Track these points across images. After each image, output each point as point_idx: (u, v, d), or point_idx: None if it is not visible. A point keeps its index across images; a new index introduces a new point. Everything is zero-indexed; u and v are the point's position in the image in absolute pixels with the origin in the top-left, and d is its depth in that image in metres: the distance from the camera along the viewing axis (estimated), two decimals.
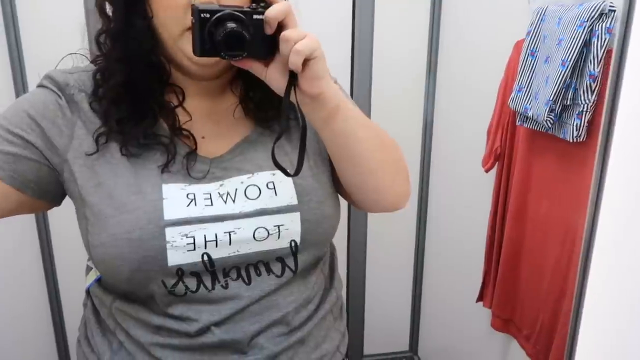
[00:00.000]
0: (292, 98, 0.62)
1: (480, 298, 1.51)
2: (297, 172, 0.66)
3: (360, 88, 1.70)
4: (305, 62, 0.58)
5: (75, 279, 1.55)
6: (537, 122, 1.17)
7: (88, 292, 0.79)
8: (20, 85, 1.48)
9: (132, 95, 0.68)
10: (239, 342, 0.70)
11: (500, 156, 1.39)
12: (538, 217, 1.25)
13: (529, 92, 1.20)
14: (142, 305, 0.70)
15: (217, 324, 0.69)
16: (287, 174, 0.66)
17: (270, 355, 0.71)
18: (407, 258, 2.01)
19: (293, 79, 0.60)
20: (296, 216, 0.71)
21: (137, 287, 0.68)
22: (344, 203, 0.81)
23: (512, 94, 1.24)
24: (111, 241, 0.65)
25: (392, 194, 0.76)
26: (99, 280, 0.75)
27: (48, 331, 1.70)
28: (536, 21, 1.19)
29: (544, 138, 1.20)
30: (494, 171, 1.43)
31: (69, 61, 0.75)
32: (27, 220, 1.59)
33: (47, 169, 0.68)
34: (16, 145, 0.66)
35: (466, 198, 1.70)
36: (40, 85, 0.70)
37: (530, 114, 1.18)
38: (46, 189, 0.69)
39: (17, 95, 1.48)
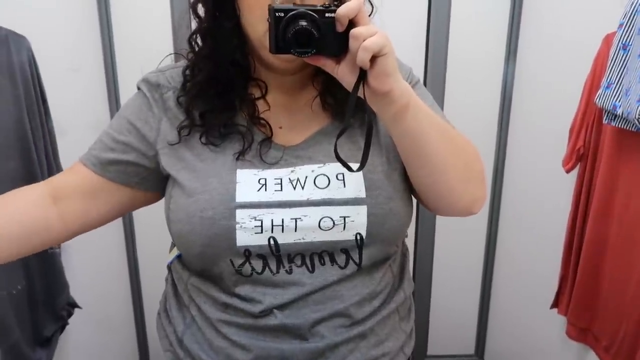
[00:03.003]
0: (361, 94, 0.62)
1: (555, 304, 1.45)
2: (360, 168, 0.66)
3: (434, 84, 1.68)
4: (374, 59, 0.58)
5: (154, 263, 1.64)
6: (627, 120, 1.10)
7: (169, 268, 0.85)
8: (112, 83, 1.58)
9: (216, 89, 0.73)
10: (299, 327, 0.71)
11: (583, 156, 1.32)
12: (624, 221, 1.18)
13: (619, 88, 1.13)
14: (213, 283, 0.75)
15: (280, 307, 0.71)
16: (349, 169, 0.66)
17: (330, 344, 0.72)
18: (477, 258, 1.96)
19: (362, 75, 0.60)
20: (363, 209, 0.71)
21: (208, 263, 0.73)
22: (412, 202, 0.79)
23: (600, 91, 1.17)
24: (187, 218, 0.71)
25: (464, 197, 0.73)
26: (179, 257, 0.81)
27: (128, 310, 1.81)
28: (630, 12, 1.12)
29: (634, 137, 1.13)
30: (573, 172, 1.36)
31: (169, 60, 0.83)
32: None
33: (144, 165, 0.76)
34: (117, 151, 0.76)
35: (542, 199, 1.62)
36: (138, 88, 0.79)
37: (619, 111, 1.11)
38: (148, 184, 0.78)
39: (109, 88, 1.58)
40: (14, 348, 1.24)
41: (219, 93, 0.73)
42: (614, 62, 1.15)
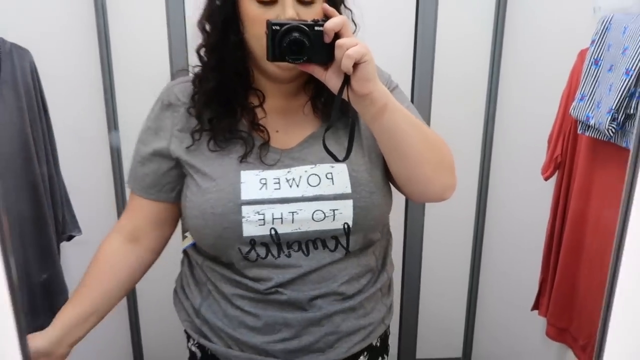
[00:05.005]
0: (346, 97, 0.73)
1: (535, 306, 1.51)
2: (345, 158, 0.78)
3: (421, 93, 1.74)
4: (356, 65, 0.69)
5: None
6: (598, 130, 1.17)
7: (184, 252, 0.97)
8: (109, 93, 1.64)
9: (221, 98, 0.84)
10: (300, 301, 0.84)
11: (560, 164, 1.39)
12: (598, 226, 1.25)
13: (591, 100, 1.20)
14: (225, 267, 0.87)
15: (283, 285, 0.84)
16: (336, 159, 0.78)
17: (326, 314, 0.85)
18: (464, 264, 2.01)
19: (346, 80, 0.71)
20: (349, 203, 0.83)
21: (219, 252, 0.85)
22: (400, 213, 0.86)
23: (574, 103, 1.25)
24: (200, 214, 0.82)
25: (436, 185, 0.84)
26: (194, 245, 0.93)
27: (122, 311, 1.85)
28: (601, 30, 1.19)
29: (606, 147, 1.20)
30: (553, 179, 1.43)
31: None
32: (109, 205, 1.75)
33: (170, 168, 0.88)
34: (151, 162, 0.88)
35: (525, 205, 1.69)
36: (158, 100, 0.90)
37: (592, 122, 1.18)
38: (172, 187, 0.89)
39: (106, 95, 1.64)
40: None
41: (223, 101, 0.84)
42: (587, 76, 1.22)
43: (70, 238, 1.51)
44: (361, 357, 0.93)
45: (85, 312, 0.87)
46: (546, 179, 1.42)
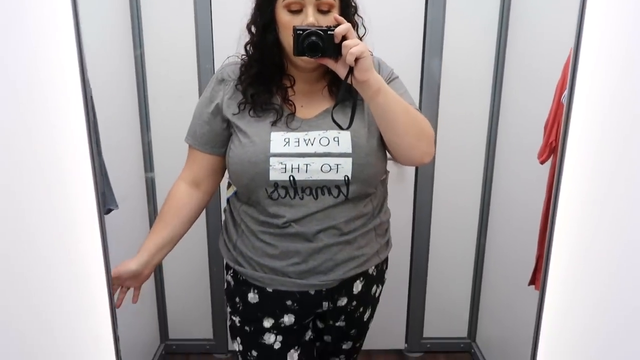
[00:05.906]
0: (350, 82, 0.98)
1: (532, 281, 1.62)
2: (348, 127, 1.04)
3: (429, 92, 1.88)
4: (357, 60, 0.94)
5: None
6: None
7: (227, 200, 1.24)
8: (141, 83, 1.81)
9: (261, 80, 1.11)
10: (307, 235, 1.11)
11: (555, 149, 1.51)
12: None
13: None
14: (254, 208, 1.14)
15: (295, 221, 1.11)
16: (340, 127, 1.04)
17: (327, 244, 1.12)
18: (469, 248, 2.13)
19: (350, 70, 0.97)
20: (349, 160, 1.08)
21: (251, 191, 1.12)
22: (409, 206, 1.00)
23: (565, 92, 1.37)
24: (240, 162, 1.11)
25: (417, 152, 1.10)
26: (235, 194, 1.20)
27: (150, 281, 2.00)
28: None
29: None
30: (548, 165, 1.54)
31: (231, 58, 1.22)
32: (140, 184, 1.92)
33: (223, 129, 1.15)
34: (209, 123, 1.15)
35: (526, 192, 1.80)
36: (214, 77, 1.18)
37: None
38: (223, 144, 1.16)
39: (138, 85, 1.82)
40: None
41: (263, 82, 1.11)
42: None
43: (108, 211, 1.67)
44: (357, 281, 1.20)
45: (164, 240, 1.14)
46: (542, 162, 1.54)
